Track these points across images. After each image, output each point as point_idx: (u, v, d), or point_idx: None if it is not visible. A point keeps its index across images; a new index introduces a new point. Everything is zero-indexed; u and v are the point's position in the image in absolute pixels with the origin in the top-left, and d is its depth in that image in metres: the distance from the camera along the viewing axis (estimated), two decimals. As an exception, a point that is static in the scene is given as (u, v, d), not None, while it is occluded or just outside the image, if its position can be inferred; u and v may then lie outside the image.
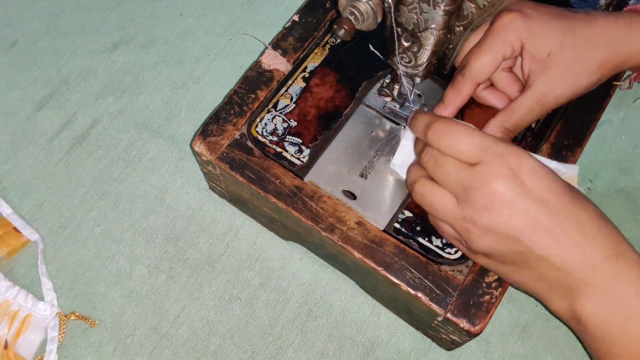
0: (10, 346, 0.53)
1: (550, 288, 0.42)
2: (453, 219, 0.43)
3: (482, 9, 0.45)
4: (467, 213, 0.42)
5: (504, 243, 0.42)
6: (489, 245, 0.42)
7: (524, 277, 0.43)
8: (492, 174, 0.41)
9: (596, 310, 0.41)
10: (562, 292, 0.42)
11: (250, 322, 0.55)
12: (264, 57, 0.55)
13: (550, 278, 0.42)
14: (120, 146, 0.62)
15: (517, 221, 0.41)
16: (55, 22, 0.68)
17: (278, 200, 0.49)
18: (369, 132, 0.52)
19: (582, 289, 0.41)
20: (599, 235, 0.41)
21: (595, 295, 0.41)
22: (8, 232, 0.57)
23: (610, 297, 0.41)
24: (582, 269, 0.41)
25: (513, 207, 0.41)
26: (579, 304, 0.41)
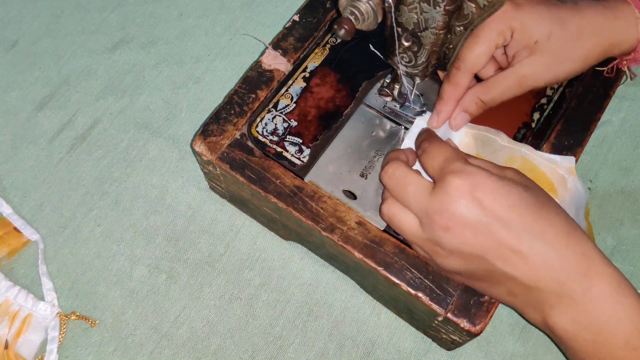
0: (11, 346, 0.53)
1: (522, 302, 0.43)
2: (420, 241, 0.44)
3: (482, 8, 0.45)
4: (431, 235, 0.43)
5: (471, 262, 0.42)
6: (457, 264, 0.43)
7: (497, 292, 0.43)
8: (450, 195, 0.41)
9: (568, 325, 0.41)
10: (534, 306, 0.42)
11: (251, 321, 0.55)
12: (265, 57, 0.55)
13: (521, 294, 0.42)
14: (120, 146, 0.62)
15: (480, 241, 0.41)
16: (56, 23, 0.68)
17: (278, 200, 0.49)
18: (369, 132, 0.52)
19: (552, 303, 0.41)
20: (566, 252, 0.40)
21: (566, 311, 0.41)
22: (8, 232, 0.57)
23: (582, 313, 0.40)
24: (551, 286, 0.40)
25: (474, 227, 0.41)
26: (551, 318, 0.41)
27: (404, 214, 0.44)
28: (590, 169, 0.61)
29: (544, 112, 0.54)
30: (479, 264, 0.42)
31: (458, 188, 0.41)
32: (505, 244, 0.40)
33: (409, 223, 0.44)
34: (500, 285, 0.42)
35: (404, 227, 0.44)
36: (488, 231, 0.40)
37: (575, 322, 0.41)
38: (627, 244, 0.58)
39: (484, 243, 0.41)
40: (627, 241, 0.58)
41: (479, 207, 0.41)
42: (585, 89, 0.54)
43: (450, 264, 0.43)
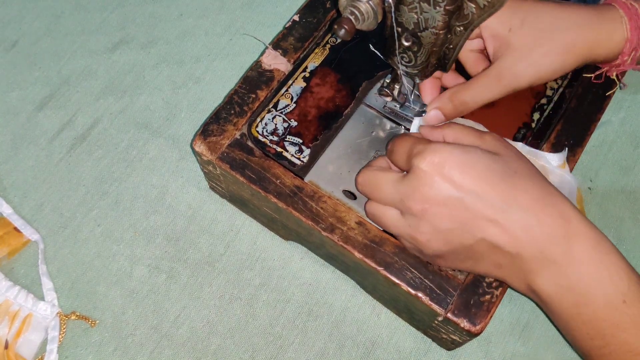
0: (11, 346, 0.53)
1: (509, 272, 0.43)
2: (402, 231, 0.44)
3: (482, 8, 0.45)
4: (410, 221, 0.43)
5: (451, 241, 0.42)
6: (439, 246, 0.43)
7: (483, 267, 0.44)
8: (419, 177, 0.42)
9: (551, 289, 0.41)
10: (518, 272, 0.42)
11: (251, 321, 0.55)
12: (265, 57, 0.55)
13: (505, 263, 0.42)
14: (120, 146, 0.62)
15: (456, 217, 0.41)
16: (56, 23, 0.68)
17: (278, 200, 0.49)
18: (369, 132, 0.52)
19: (534, 268, 0.41)
20: (543, 216, 0.41)
21: (548, 275, 0.41)
22: (8, 232, 0.57)
23: (563, 275, 0.41)
24: (532, 251, 0.41)
25: (447, 204, 0.41)
26: (535, 283, 0.42)
27: (384, 209, 0.45)
28: (590, 168, 0.61)
29: (544, 112, 0.54)
30: (460, 241, 0.42)
31: (425, 169, 0.41)
32: (480, 215, 0.41)
33: (390, 216, 0.44)
34: (484, 259, 0.43)
35: (387, 222, 0.45)
36: (462, 205, 0.41)
37: (557, 285, 0.41)
38: (627, 243, 0.58)
39: (460, 218, 0.41)
40: (628, 240, 0.58)
41: (448, 183, 0.41)
42: (585, 89, 0.54)
43: (432, 247, 0.43)
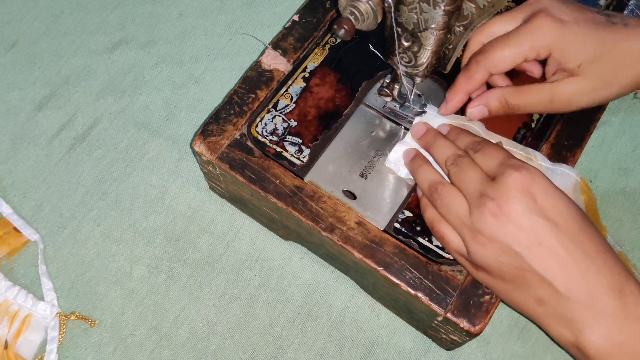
0: (11, 346, 0.53)
1: (550, 314, 0.41)
2: (462, 224, 0.43)
3: (482, 9, 0.45)
4: (477, 219, 0.42)
5: (506, 256, 0.41)
6: (491, 255, 0.42)
7: (524, 298, 0.42)
8: (507, 185, 0.41)
9: (602, 344, 0.40)
10: (563, 320, 0.41)
11: (251, 322, 0.55)
12: (264, 57, 0.55)
13: (551, 303, 0.41)
14: (120, 146, 0.62)
15: (522, 235, 0.41)
16: (56, 23, 0.68)
17: (278, 200, 0.49)
18: (369, 132, 0.52)
19: (587, 321, 0.40)
20: (604, 268, 0.40)
21: (600, 328, 0.40)
22: (8, 232, 0.57)
23: (616, 331, 0.39)
24: (585, 299, 0.40)
25: (520, 220, 0.41)
26: (584, 336, 0.40)
27: (457, 193, 0.44)
28: (590, 169, 0.61)
29: (543, 112, 0.54)
30: (512, 260, 0.41)
31: (517, 180, 0.41)
32: (546, 244, 0.40)
33: (458, 203, 0.44)
34: (528, 289, 0.41)
35: (452, 204, 0.44)
36: (533, 227, 0.41)
37: (609, 341, 0.40)
38: (627, 244, 0.58)
39: (526, 238, 0.41)
40: (627, 241, 0.58)
41: (532, 202, 0.41)
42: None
43: (483, 253, 0.42)
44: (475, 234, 0.42)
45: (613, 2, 0.58)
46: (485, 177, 0.43)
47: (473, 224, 0.42)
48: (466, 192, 0.44)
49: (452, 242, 0.45)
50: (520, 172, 0.42)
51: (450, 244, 0.45)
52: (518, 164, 0.42)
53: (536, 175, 0.42)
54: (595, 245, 0.41)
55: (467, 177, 0.44)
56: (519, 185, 0.41)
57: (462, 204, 0.44)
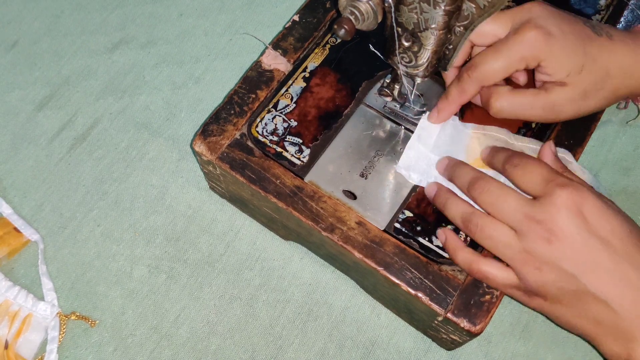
0: (11, 346, 0.53)
1: (606, 333, 0.41)
2: (512, 252, 0.42)
3: (483, 9, 0.45)
4: (528, 245, 0.41)
5: (562, 279, 0.41)
6: (547, 280, 0.41)
7: (581, 320, 0.42)
8: (557, 206, 0.41)
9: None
10: (617, 336, 0.41)
11: (251, 322, 0.55)
12: (264, 57, 0.55)
13: (606, 321, 0.41)
14: (120, 146, 0.62)
15: (578, 257, 0.40)
16: (56, 23, 0.68)
17: (278, 200, 0.49)
18: (369, 132, 0.52)
19: (639, 337, 0.40)
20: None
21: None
22: (8, 232, 0.57)
23: None
24: (638, 314, 0.40)
25: (575, 242, 0.40)
26: (636, 352, 0.40)
27: (496, 224, 0.43)
28: (591, 169, 0.60)
29: (544, 112, 0.54)
30: (569, 283, 0.41)
31: (566, 200, 0.40)
32: (601, 265, 0.40)
33: (502, 232, 0.43)
34: (586, 311, 0.41)
35: (498, 236, 0.43)
36: (589, 250, 0.40)
37: None
38: (627, 244, 0.57)
39: (580, 260, 0.40)
40: (628, 241, 0.58)
41: (584, 223, 0.40)
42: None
43: (539, 279, 0.42)
44: (528, 261, 0.42)
45: (613, 2, 0.58)
46: (524, 199, 0.42)
47: (525, 249, 0.42)
48: (508, 220, 0.43)
49: (499, 277, 0.44)
50: (569, 190, 0.41)
51: (496, 279, 0.44)
52: (565, 181, 0.41)
53: (585, 192, 0.41)
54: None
55: (505, 203, 0.43)
56: (569, 204, 0.40)
57: (506, 232, 0.43)
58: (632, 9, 0.58)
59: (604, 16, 0.57)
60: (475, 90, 0.48)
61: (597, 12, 0.58)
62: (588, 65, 0.45)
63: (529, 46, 0.45)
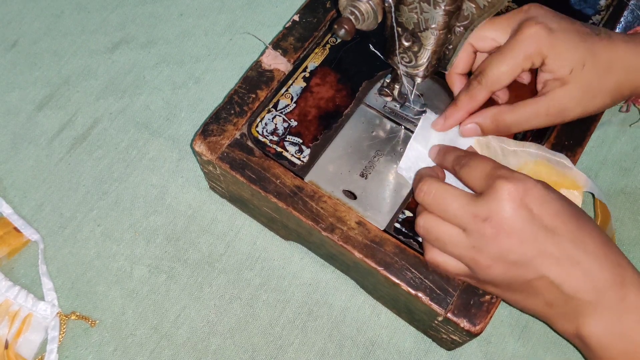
0: (11, 346, 0.53)
1: (558, 313, 0.42)
2: (460, 251, 0.43)
3: (483, 9, 0.45)
4: (476, 242, 0.42)
5: (513, 271, 0.42)
6: (498, 274, 0.42)
7: (533, 303, 0.43)
8: (500, 200, 0.41)
9: (602, 335, 0.41)
10: (569, 316, 0.42)
11: (251, 321, 0.55)
12: (265, 57, 0.55)
13: (557, 303, 0.42)
14: (120, 146, 0.62)
15: (525, 250, 0.41)
16: (56, 23, 0.68)
17: (278, 200, 0.49)
18: (369, 132, 0.52)
19: (588, 313, 0.41)
20: (605, 262, 0.41)
21: (601, 319, 0.41)
22: (8, 232, 0.57)
23: (616, 322, 0.41)
24: (589, 294, 0.41)
25: (522, 235, 0.41)
26: (585, 327, 0.41)
27: (443, 225, 0.43)
28: (590, 169, 0.61)
29: (544, 112, 0.54)
30: (520, 274, 0.41)
31: (509, 193, 0.41)
32: (549, 254, 0.40)
33: (449, 232, 0.43)
34: (537, 295, 0.42)
35: (445, 237, 0.43)
36: (535, 239, 0.40)
37: (609, 331, 0.41)
38: (627, 244, 0.58)
39: (529, 251, 0.41)
40: (627, 241, 0.58)
41: (528, 213, 0.41)
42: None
43: (490, 273, 0.42)
44: (477, 257, 0.42)
45: (613, 2, 0.58)
46: (468, 197, 0.43)
47: (474, 247, 0.42)
48: (454, 220, 0.43)
49: (451, 266, 0.45)
50: (512, 182, 0.41)
51: (449, 268, 0.45)
52: (507, 174, 0.42)
53: (527, 183, 0.41)
54: (595, 242, 0.41)
55: (449, 206, 0.43)
56: (513, 197, 0.41)
57: (453, 232, 0.43)
58: (632, 9, 0.58)
59: (604, 16, 0.57)
60: (484, 97, 0.47)
61: (597, 13, 0.58)
62: (590, 61, 0.45)
63: (533, 42, 0.45)
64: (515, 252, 0.41)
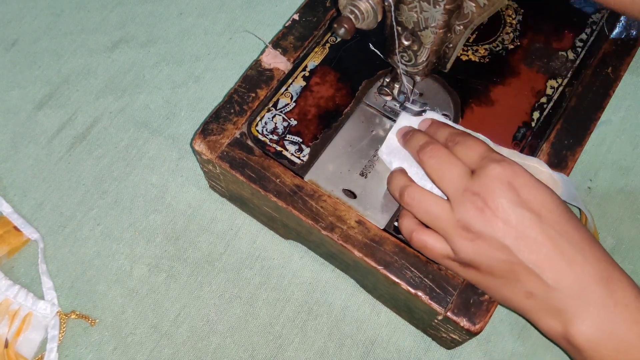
0: (11, 345, 0.53)
1: (539, 307, 0.42)
2: (446, 224, 0.43)
3: (483, 7, 0.45)
4: (462, 216, 0.42)
5: (494, 251, 0.42)
6: (479, 252, 0.42)
7: (513, 292, 0.42)
8: (490, 178, 0.42)
9: (591, 333, 0.40)
10: (552, 312, 0.41)
11: (251, 320, 0.55)
12: (264, 56, 0.55)
13: (540, 295, 0.41)
14: (120, 145, 0.62)
15: (509, 229, 0.41)
16: (56, 22, 0.68)
17: (278, 199, 0.49)
18: (369, 131, 0.52)
19: (575, 312, 0.40)
20: (590, 256, 0.41)
21: (589, 317, 0.40)
22: (8, 231, 0.57)
23: (605, 319, 0.40)
24: (574, 289, 0.40)
25: (507, 214, 0.41)
26: (574, 327, 0.40)
27: (431, 197, 0.44)
28: (590, 168, 0.61)
29: (543, 111, 0.54)
30: (501, 255, 0.41)
31: (499, 174, 0.42)
32: (533, 237, 0.41)
33: (439, 205, 0.44)
34: (518, 283, 0.42)
35: (431, 208, 0.44)
36: (520, 221, 0.41)
37: (598, 329, 0.40)
38: (626, 244, 0.58)
39: (512, 231, 0.41)
40: (627, 240, 0.58)
41: (515, 195, 0.41)
42: (585, 89, 0.54)
43: (472, 250, 0.42)
44: (462, 231, 0.42)
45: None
46: (466, 170, 0.43)
47: (459, 221, 0.42)
48: (447, 186, 0.44)
49: (436, 248, 0.45)
50: (502, 165, 0.42)
51: (434, 249, 0.45)
52: (499, 157, 0.43)
53: (517, 168, 0.42)
54: (580, 235, 0.41)
55: (449, 172, 0.44)
56: (502, 178, 0.42)
57: (441, 204, 0.44)
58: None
59: (604, 16, 0.57)
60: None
61: (597, 11, 0.58)
62: None
63: None
64: (499, 230, 0.41)
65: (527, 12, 0.57)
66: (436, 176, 0.45)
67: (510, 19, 0.57)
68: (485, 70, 0.55)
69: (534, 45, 0.56)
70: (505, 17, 0.57)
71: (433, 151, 0.45)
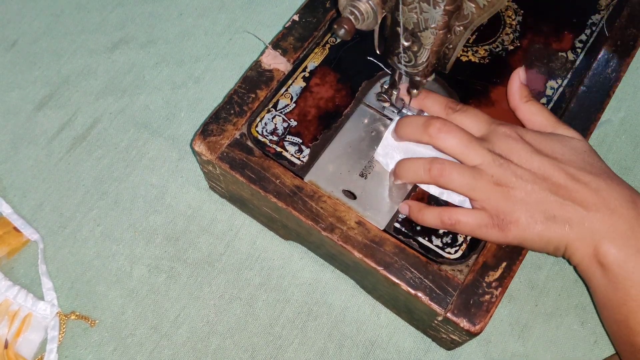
0: (11, 346, 0.53)
1: (575, 234, 0.44)
2: (480, 185, 0.45)
3: (482, 8, 0.45)
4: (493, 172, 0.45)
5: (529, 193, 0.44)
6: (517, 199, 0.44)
7: (552, 229, 0.44)
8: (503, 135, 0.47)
9: (621, 252, 0.43)
10: (585, 235, 0.44)
11: (251, 321, 0.55)
12: (264, 57, 0.55)
13: (576, 223, 0.44)
14: (120, 146, 0.62)
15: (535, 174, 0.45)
16: (56, 22, 0.68)
17: (278, 200, 0.49)
18: (369, 132, 0.52)
19: (605, 231, 0.43)
20: (612, 183, 0.45)
21: (619, 237, 0.43)
22: (8, 231, 0.57)
23: (635, 241, 0.43)
24: (604, 212, 0.43)
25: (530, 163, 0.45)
26: (603, 246, 0.43)
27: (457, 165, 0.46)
28: (590, 168, 0.60)
29: (543, 111, 0.54)
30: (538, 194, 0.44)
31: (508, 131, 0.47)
32: (557, 176, 0.45)
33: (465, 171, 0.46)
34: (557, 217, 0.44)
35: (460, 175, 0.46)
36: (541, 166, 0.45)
37: (628, 248, 0.43)
38: (626, 244, 0.57)
39: (541, 172, 0.45)
40: (627, 241, 0.58)
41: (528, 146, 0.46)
42: (585, 89, 0.54)
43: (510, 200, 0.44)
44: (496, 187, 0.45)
45: (613, 2, 0.58)
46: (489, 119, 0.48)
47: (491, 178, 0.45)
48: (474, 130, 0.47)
49: (471, 219, 0.46)
50: (508, 126, 0.47)
51: (469, 222, 0.46)
52: (503, 122, 0.48)
53: (520, 128, 0.47)
54: (599, 167, 0.46)
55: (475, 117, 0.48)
56: (511, 134, 0.46)
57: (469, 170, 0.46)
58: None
59: (604, 16, 0.57)
60: None
61: (597, 12, 0.58)
62: None
63: None
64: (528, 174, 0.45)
65: (526, 13, 0.57)
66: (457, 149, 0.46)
67: (510, 20, 0.57)
68: (485, 71, 0.55)
69: (534, 46, 0.56)
70: (505, 18, 0.57)
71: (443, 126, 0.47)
